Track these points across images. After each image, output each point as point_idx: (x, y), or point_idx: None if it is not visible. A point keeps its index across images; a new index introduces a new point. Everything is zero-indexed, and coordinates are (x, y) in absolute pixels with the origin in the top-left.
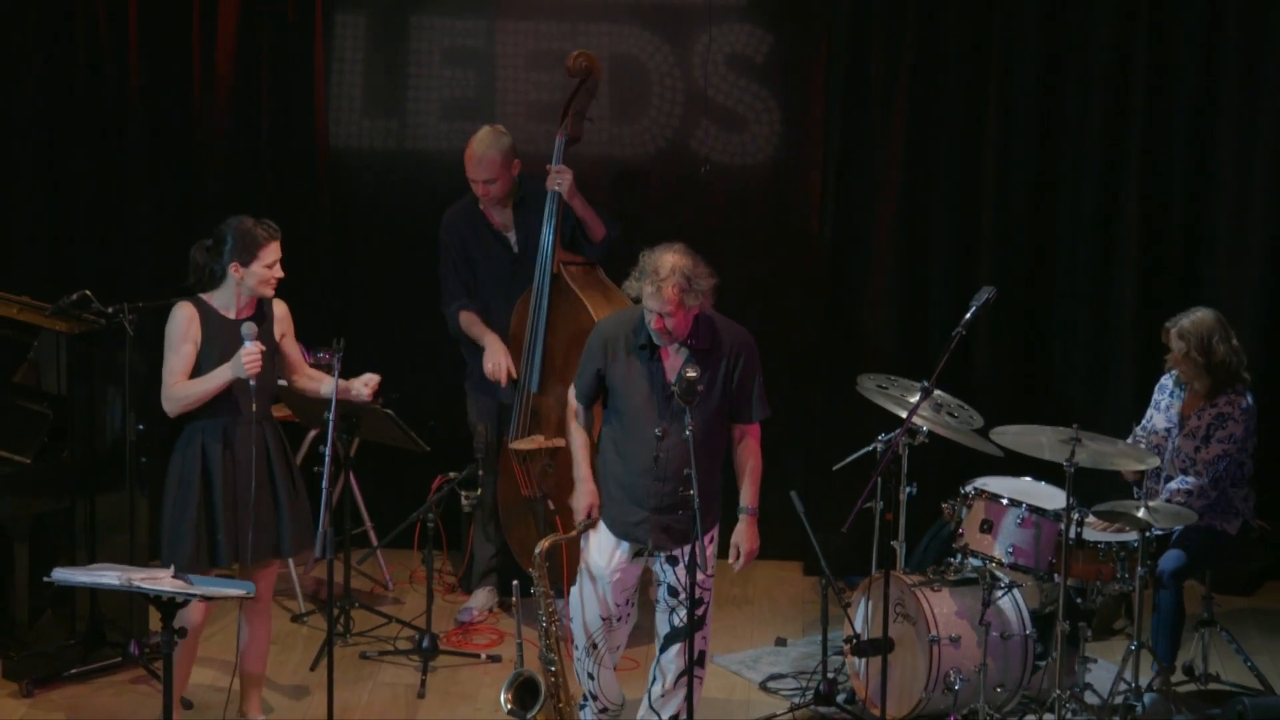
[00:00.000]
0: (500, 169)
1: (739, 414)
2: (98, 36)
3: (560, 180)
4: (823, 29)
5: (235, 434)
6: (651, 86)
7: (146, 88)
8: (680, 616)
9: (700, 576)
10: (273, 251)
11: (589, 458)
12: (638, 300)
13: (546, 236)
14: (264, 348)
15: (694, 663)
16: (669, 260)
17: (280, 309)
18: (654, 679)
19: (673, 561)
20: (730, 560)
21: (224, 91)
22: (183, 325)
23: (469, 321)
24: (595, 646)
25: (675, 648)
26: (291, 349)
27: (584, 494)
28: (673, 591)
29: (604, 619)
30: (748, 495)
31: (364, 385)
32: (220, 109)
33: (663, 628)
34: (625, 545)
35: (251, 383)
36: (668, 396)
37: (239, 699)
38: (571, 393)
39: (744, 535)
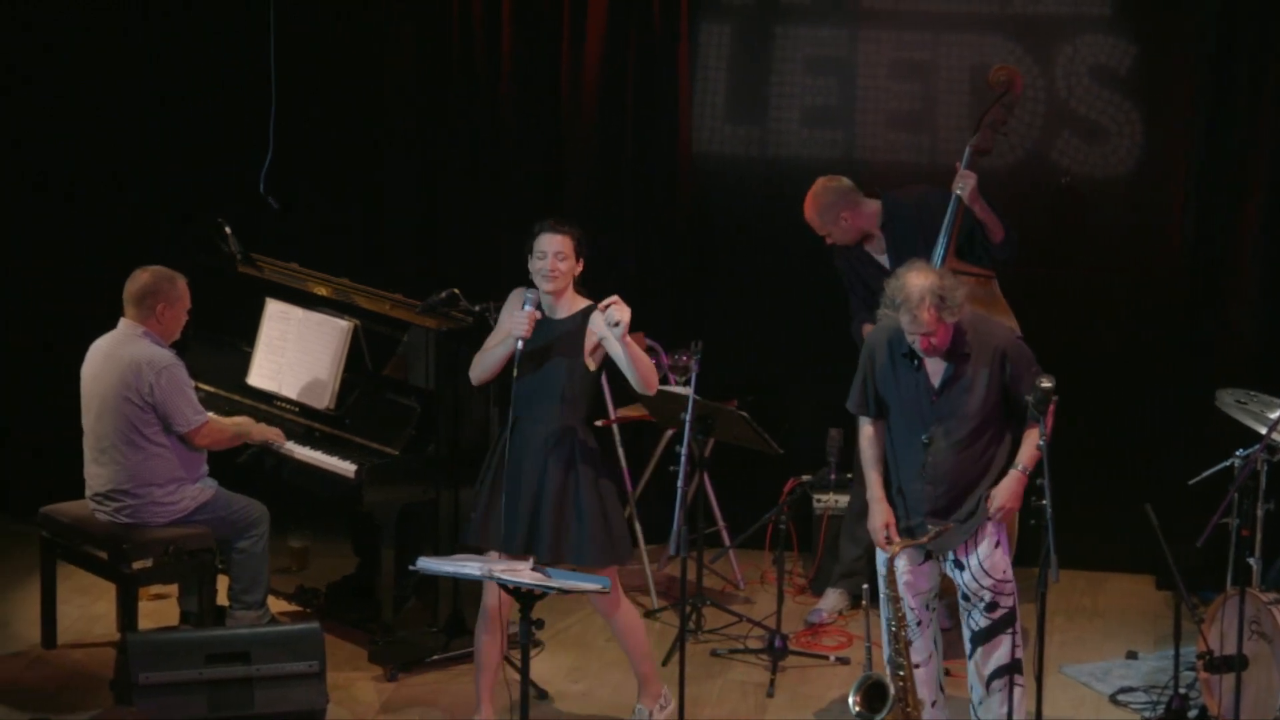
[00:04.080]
0: (829, 224)
1: (1022, 414)
2: (471, 43)
3: (963, 184)
4: (1188, 41)
5: (516, 427)
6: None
7: (516, 95)
8: (975, 620)
9: (991, 580)
10: (544, 242)
11: (880, 473)
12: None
13: (940, 244)
14: (535, 314)
15: (1009, 668)
16: (916, 282)
17: (599, 317)
18: (971, 685)
19: (959, 566)
20: (989, 513)
21: (590, 97)
22: (508, 306)
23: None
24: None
25: (979, 651)
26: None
27: (877, 513)
28: (964, 596)
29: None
30: (1022, 455)
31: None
32: (586, 114)
33: (965, 632)
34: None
35: (519, 345)
36: (932, 402)
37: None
38: (853, 408)
39: (1003, 489)
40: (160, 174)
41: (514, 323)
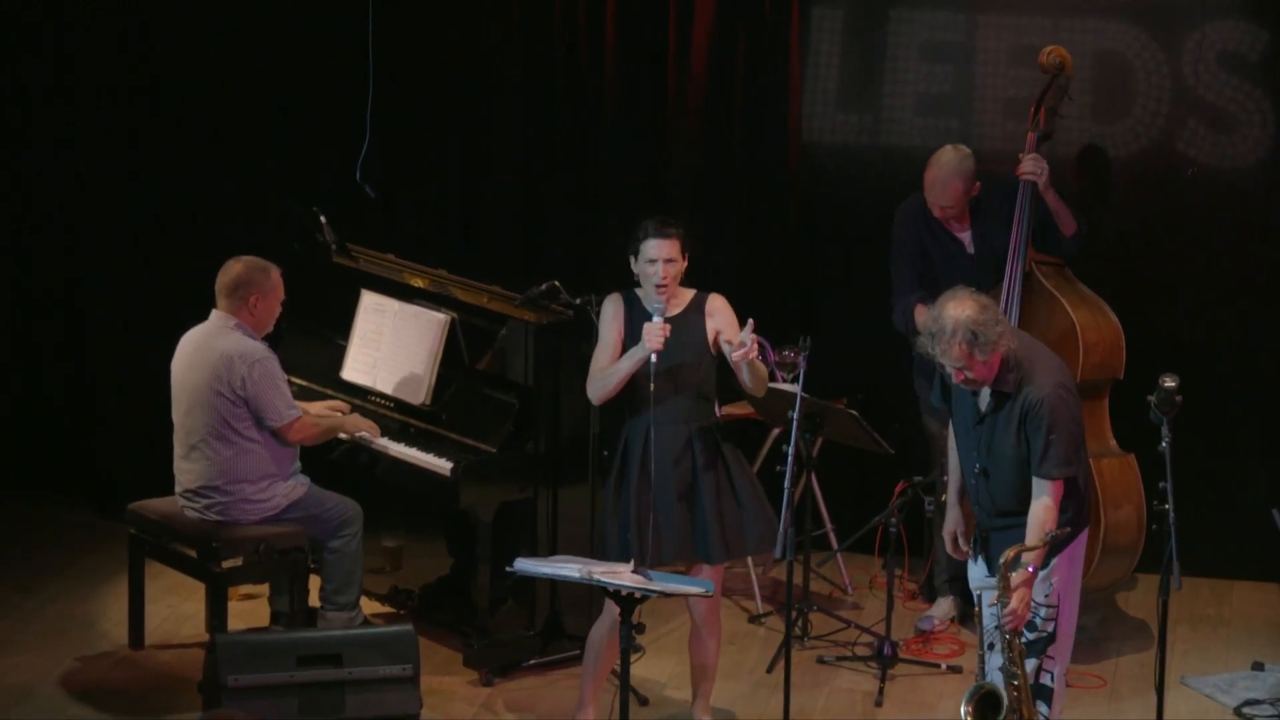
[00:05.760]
0: (961, 195)
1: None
2: (574, 28)
3: (1038, 169)
4: None
5: (655, 434)
6: (1137, 84)
7: (621, 81)
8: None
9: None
10: (651, 249)
11: (960, 479)
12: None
13: (1019, 233)
14: (668, 326)
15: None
16: (950, 315)
17: (716, 303)
18: None
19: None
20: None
21: (698, 84)
22: (607, 316)
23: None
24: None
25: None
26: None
27: (948, 518)
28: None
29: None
30: (1029, 542)
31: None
32: (694, 102)
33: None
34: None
35: (652, 358)
36: (975, 426)
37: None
38: (936, 403)
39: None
40: (255, 162)
41: (649, 336)
